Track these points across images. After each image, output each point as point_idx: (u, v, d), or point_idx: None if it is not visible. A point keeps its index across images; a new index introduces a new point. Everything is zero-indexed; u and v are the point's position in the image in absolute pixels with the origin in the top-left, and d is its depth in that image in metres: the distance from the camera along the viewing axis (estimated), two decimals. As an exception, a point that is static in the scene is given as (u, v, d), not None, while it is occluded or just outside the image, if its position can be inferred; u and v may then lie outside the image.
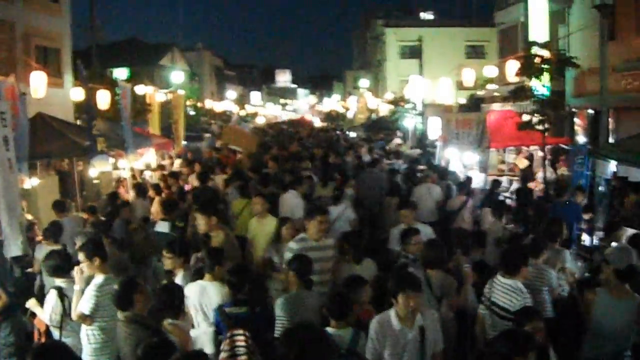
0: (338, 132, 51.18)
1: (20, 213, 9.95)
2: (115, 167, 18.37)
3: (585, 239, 12.78)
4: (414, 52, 49.38)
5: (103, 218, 12.26)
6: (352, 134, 46.04)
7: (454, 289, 7.61)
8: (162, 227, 11.09)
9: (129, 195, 15.53)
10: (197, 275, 7.82)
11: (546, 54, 16.64)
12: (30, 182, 13.73)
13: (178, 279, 7.85)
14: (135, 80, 28.76)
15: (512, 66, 19.01)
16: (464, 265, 8.12)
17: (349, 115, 66.70)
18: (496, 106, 28.92)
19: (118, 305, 6.42)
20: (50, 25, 26.40)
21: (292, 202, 12.53)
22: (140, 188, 14.69)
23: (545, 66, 16.31)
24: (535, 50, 16.80)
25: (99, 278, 7.36)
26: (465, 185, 14.64)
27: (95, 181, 16.48)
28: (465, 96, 33.98)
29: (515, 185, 17.65)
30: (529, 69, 16.57)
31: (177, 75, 42.63)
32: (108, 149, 16.06)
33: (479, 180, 16.73)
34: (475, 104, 33.07)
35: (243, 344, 6.10)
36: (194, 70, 69.57)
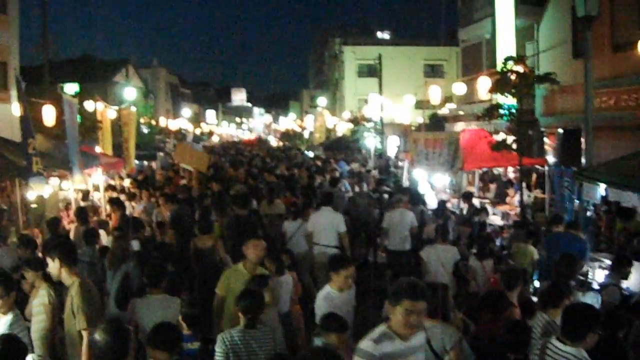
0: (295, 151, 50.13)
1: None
2: (60, 189, 16.98)
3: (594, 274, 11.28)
4: (372, 71, 48.88)
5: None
6: (310, 154, 45.04)
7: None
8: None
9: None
10: None
11: (519, 69, 15.78)
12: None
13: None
14: (86, 96, 27.41)
15: (484, 83, 18.17)
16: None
17: (306, 134, 66.04)
18: (460, 125, 28.16)
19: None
20: (-2, 39, 25.28)
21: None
22: (81, 213, 13.25)
23: (522, 82, 15.43)
24: (509, 65, 15.90)
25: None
26: (440, 210, 13.57)
27: (32, 205, 14.92)
28: (424, 115, 33.21)
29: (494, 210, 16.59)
30: (504, 85, 15.67)
31: (130, 92, 41.04)
32: (48, 169, 14.54)
33: (452, 204, 15.71)
34: (436, 123, 32.34)
35: None
36: (149, 87, 68.10)
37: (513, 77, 15.49)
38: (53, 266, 6.71)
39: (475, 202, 18.08)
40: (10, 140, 14.26)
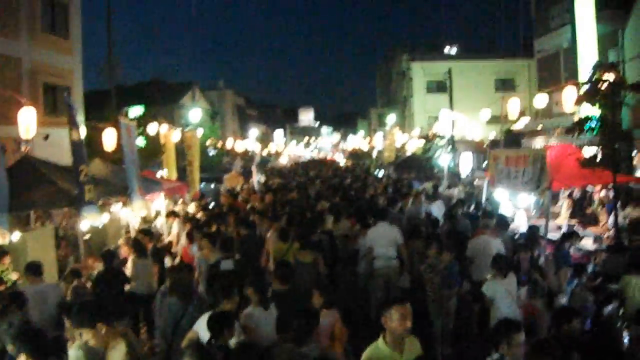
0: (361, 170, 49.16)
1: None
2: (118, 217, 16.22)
3: None
4: (441, 87, 47.68)
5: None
6: (381, 173, 43.87)
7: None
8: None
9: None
10: None
11: (611, 77, 14.32)
12: (15, 235, 11.58)
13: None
14: (151, 119, 26.98)
15: (569, 94, 16.75)
16: None
17: (374, 153, 65.05)
18: (539, 140, 26.68)
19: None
20: (59, 63, 24.98)
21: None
22: (138, 245, 12.36)
23: (614, 91, 13.96)
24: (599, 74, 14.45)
25: None
26: (533, 238, 12.17)
27: (85, 236, 14.10)
28: (500, 130, 31.75)
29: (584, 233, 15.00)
30: (594, 95, 14.23)
31: (195, 114, 40.65)
32: (104, 196, 13.73)
33: (541, 228, 14.25)
34: (512, 139, 30.87)
35: None
36: (216, 109, 68.11)
37: (604, 86, 14.04)
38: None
39: (563, 225, 16.71)
40: (64, 167, 13.44)
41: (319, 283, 10.40)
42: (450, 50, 66.34)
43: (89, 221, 12.08)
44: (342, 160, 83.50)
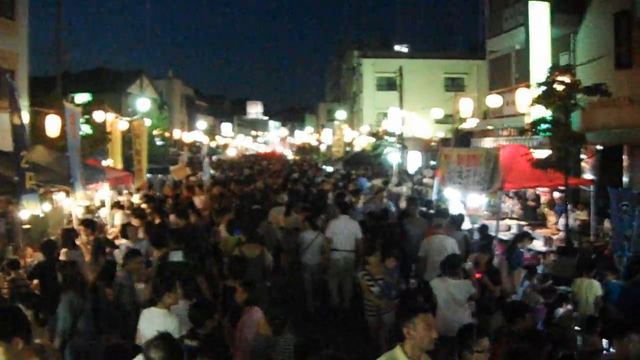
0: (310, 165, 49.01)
1: None
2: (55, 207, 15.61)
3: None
4: (391, 84, 47.54)
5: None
6: (329, 169, 43.74)
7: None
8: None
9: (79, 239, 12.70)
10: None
11: (566, 80, 14.34)
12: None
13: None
14: (97, 107, 26.25)
15: (522, 95, 16.75)
16: None
17: (323, 148, 64.94)
18: (488, 141, 26.77)
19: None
20: (3, 45, 24.02)
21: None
22: (67, 236, 11.84)
23: (568, 94, 13.98)
24: (553, 76, 14.46)
25: None
26: (485, 236, 12.07)
27: (25, 225, 13.47)
28: (451, 129, 31.88)
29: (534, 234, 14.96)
30: (549, 97, 14.22)
31: (144, 103, 39.80)
32: (47, 185, 13.13)
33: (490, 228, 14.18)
34: (461, 139, 31.01)
35: None
36: (164, 99, 67.09)
37: (560, 88, 14.03)
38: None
39: (513, 225, 16.71)
40: (4, 152, 12.81)
41: (265, 277, 10.83)
42: (401, 48, 66.60)
43: (29, 210, 11.47)
44: (289, 155, 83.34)
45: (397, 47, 66.94)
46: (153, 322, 7.15)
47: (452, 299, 8.96)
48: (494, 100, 21.34)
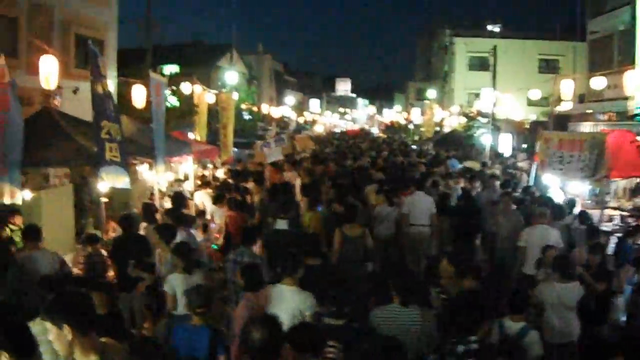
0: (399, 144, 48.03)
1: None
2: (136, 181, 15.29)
3: None
4: (483, 64, 46.22)
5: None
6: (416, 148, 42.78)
7: None
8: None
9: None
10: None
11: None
12: (28, 194, 10.75)
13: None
14: (185, 79, 26.09)
15: (631, 77, 15.55)
16: None
17: (411, 127, 63.93)
18: (587, 125, 25.43)
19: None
20: (94, 14, 24.02)
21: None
22: (149, 210, 11.55)
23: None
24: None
25: None
26: (592, 228, 11.06)
27: (103, 199, 13.16)
28: (537, 112, 30.51)
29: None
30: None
31: (232, 76, 39.65)
32: (129, 157, 12.71)
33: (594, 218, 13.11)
34: (557, 122, 29.59)
35: (333, 356, 5.87)
36: (253, 73, 67.09)
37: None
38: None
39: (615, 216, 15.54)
40: (86, 122, 12.44)
41: (366, 257, 10.55)
42: (494, 27, 64.74)
43: (108, 182, 11.06)
44: (376, 133, 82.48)
45: (489, 27, 65.06)
46: (282, 299, 6.98)
47: (562, 304, 8.08)
48: (598, 83, 20.01)
